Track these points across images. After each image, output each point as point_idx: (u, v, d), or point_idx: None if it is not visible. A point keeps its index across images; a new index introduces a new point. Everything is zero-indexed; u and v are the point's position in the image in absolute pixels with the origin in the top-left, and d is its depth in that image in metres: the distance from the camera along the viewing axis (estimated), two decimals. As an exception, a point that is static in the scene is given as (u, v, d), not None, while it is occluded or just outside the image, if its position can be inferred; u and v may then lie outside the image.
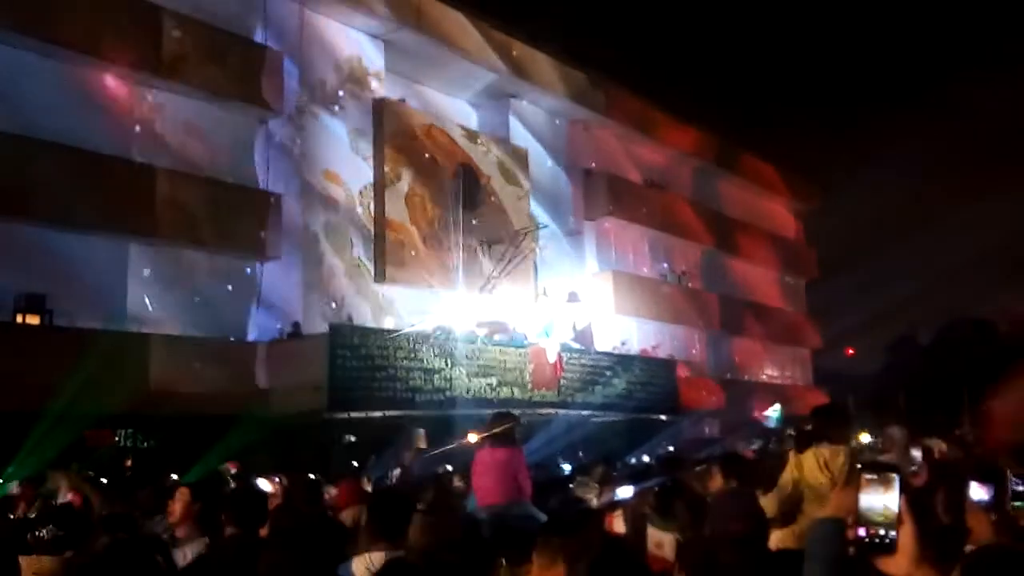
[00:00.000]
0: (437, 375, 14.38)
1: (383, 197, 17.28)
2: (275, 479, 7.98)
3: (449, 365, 14.57)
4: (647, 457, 13.01)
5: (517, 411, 10.47)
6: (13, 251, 12.27)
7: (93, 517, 5.57)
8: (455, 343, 14.79)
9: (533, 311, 18.75)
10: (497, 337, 16.13)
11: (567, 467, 11.52)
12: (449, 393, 14.48)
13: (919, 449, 7.89)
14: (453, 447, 11.01)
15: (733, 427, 19.88)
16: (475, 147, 19.57)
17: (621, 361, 18.87)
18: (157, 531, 5.05)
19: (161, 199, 13.60)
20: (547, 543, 3.11)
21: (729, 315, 26.49)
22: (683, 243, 25.80)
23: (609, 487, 7.02)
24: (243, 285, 15.19)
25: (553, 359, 16.33)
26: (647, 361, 20.27)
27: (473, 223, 19.06)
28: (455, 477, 8.87)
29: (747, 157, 29.25)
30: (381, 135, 17.46)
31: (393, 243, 17.28)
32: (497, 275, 18.70)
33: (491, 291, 18.62)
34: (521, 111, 21.25)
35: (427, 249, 17.95)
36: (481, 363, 15.19)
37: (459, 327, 15.48)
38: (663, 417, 19.17)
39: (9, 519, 6.51)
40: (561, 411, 16.39)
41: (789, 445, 6.92)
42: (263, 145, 15.74)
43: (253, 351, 14.27)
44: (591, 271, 22.32)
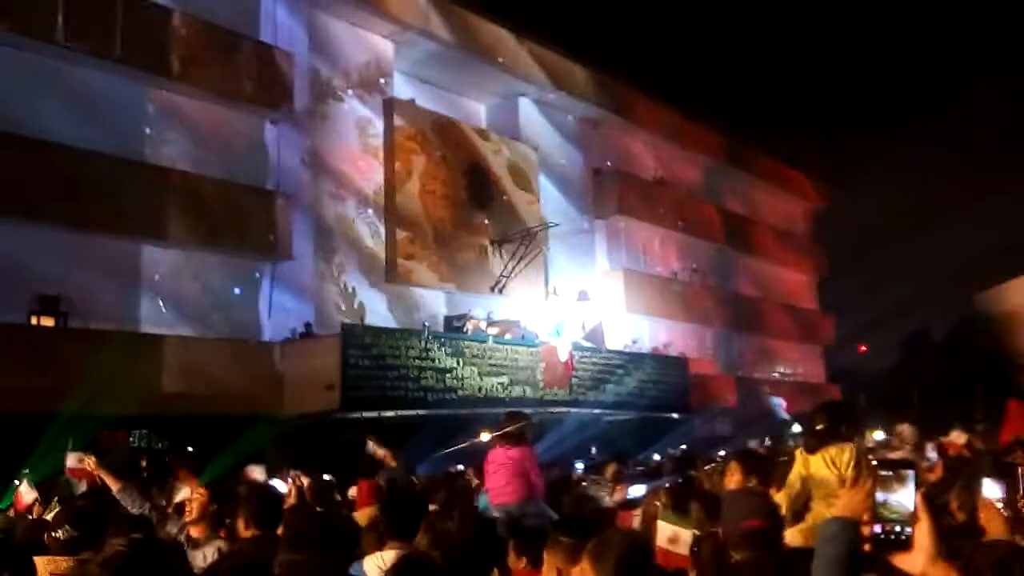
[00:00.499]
0: (449, 374, 14.41)
1: (394, 197, 17.32)
2: (288, 479, 8.00)
3: (461, 364, 14.60)
4: (658, 456, 13.01)
5: (529, 410, 10.50)
6: (27, 253, 12.34)
7: (107, 503, 5.61)
8: (466, 342, 14.82)
9: (544, 310, 18.76)
10: (508, 336, 16.15)
11: (580, 465, 11.53)
12: (461, 392, 14.51)
13: (935, 446, 7.87)
14: (465, 446, 11.04)
15: (745, 424, 19.82)
16: (485, 146, 19.59)
17: (632, 359, 18.86)
18: (172, 532, 5.07)
19: (173, 200, 13.66)
20: (556, 543, 3.12)
21: (740, 313, 26.44)
22: (694, 241, 25.74)
23: (622, 485, 7.04)
24: (255, 285, 15.25)
25: (564, 358, 16.34)
26: (658, 359, 20.25)
27: (484, 222, 19.09)
28: (469, 475, 8.89)
29: (758, 154, 29.16)
30: (392, 135, 17.49)
31: (404, 242, 17.32)
32: (508, 274, 18.71)
33: (502, 290, 18.65)
34: (531, 110, 21.25)
35: (439, 248, 17.98)
36: (492, 362, 15.21)
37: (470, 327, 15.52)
38: (675, 415, 19.15)
39: (26, 519, 6.55)
40: (573, 410, 16.39)
41: (797, 443, 6.92)
42: (275, 145, 15.79)
43: (266, 351, 14.32)
44: (602, 269, 22.31)
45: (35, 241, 12.48)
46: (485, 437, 8.60)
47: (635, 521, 5.82)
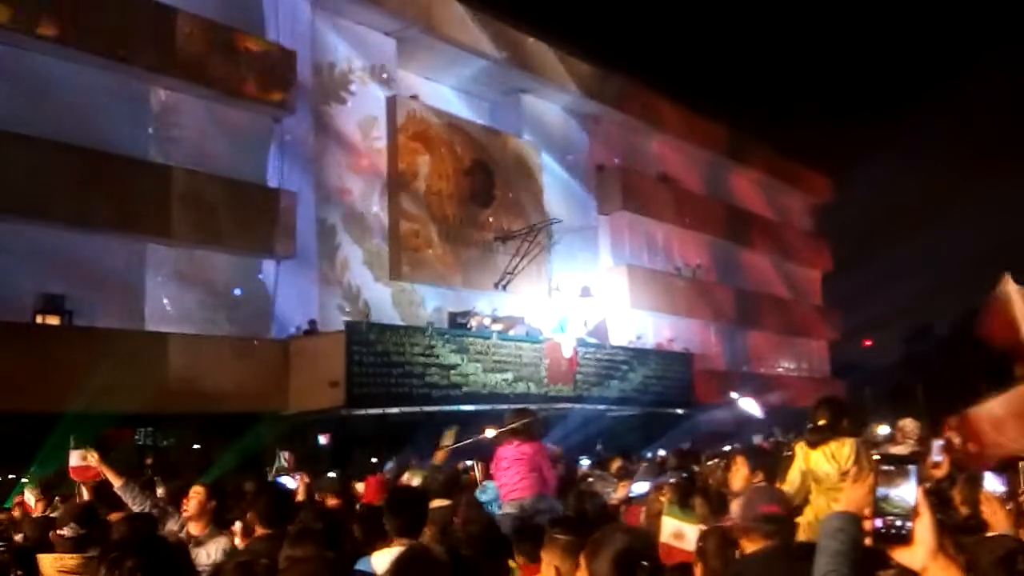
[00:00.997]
0: (453, 371, 14.43)
1: (397, 193, 17.32)
2: (295, 476, 8.03)
3: (465, 361, 14.62)
4: (663, 451, 13.00)
5: (533, 406, 10.49)
6: (32, 252, 12.39)
7: (108, 496, 5.63)
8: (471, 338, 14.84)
9: (548, 306, 18.77)
10: (512, 332, 16.17)
11: (586, 462, 11.53)
12: (465, 388, 14.53)
13: (943, 444, 7.82)
14: (470, 442, 11.04)
15: (749, 420, 19.81)
16: (488, 143, 19.58)
17: (637, 355, 18.87)
18: (173, 529, 5.09)
19: (177, 199, 13.68)
20: (553, 541, 3.10)
21: (744, 308, 26.41)
22: (697, 236, 25.72)
23: (626, 481, 7.03)
24: (260, 283, 15.27)
25: (569, 354, 16.35)
26: (663, 355, 20.26)
27: (488, 219, 19.09)
28: (475, 471, 8.87)
29: (760, 150, 29.10)
30: (394, 132, 17.49)
31: (408, 239, 17.33)
32: (512, 270, 18.72)
33: (506, 286, 18.66)
34: (534, 106, 21.24)
35: (443, 245, 17.99)
36: (497, 359, 15.23)
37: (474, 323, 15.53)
38: (679, 411, 19.16)
39: (33, 519, 6.58)
40: (577, 405, 16.41)
41: (797, 438, 6.92)
42: (278, 143, 15.80)
43: (271, 349, 14.34)
44: (605, 266, 22.30)
45: (40, 240, 12.52)
46: (490, 433, 8.60)
47: (641, 518, 5.83)
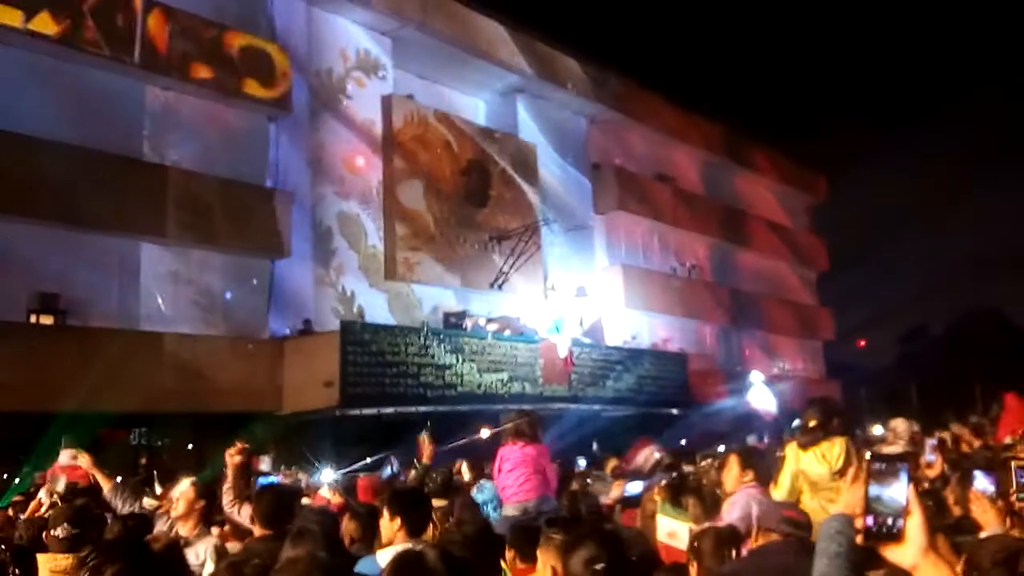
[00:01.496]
0: (448, 371, 14.43)
1: (393, 193, 17.32)
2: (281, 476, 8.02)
3: (460, 361, 14.62)
4: (657, 453, 13.00)
5: (528, 406, 10.50)
6: (26, 251, 12.36)
7: (101, 501, 5.63)
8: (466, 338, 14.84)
9: (543, 306, 18.77)
10: (507, 332, 16.17)
11: (582, 462, 11.54)
12: (460, 389, 14.53)
13: (935, 444, 7.86)
14: (465, 442, 11.03)
15: (744, 420, 19.84)
16: (484, 142, 19.59)
17: (632, 355, 18.89)
18: (163, 530, 5.07)
19: (172, 198, 13.66)
20: (550, 541, 3.12)
21: (740, 308, 26.44)
22: (693, 236, 25.74)
23: (621, 481, 7.05)
24: (255, 282, 15.24)
25: (564, 354, 16.35)
26: (657, 355, 20.28)
27: (484, 219, 19.10)
28: (462, 471, 8.88)
29: (756, 150, 29.15)
30: (390, 131, 17.49)
31: (404, 239, 17.33)
32: (508, 270, 18.73)
33: (501, 286, 18.67)
34: (529, 106, 21.23)
35: (438, 245, 17.99)
36: (492, 359, 15.23)
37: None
38: (674, 411, 19.17)
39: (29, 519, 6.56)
40: (572, 406, 16.41)
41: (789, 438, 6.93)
42: (273, 142, 15.78)
43: (265, 349, 14.33)
44: (601, 265, 22.31)
45: (34, 239, 12.49)
46: (485, 433, 8.59)
47: (638, 519, 5.85)
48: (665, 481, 5.49)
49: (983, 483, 3.42)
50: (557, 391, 16.20)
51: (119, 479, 6.32)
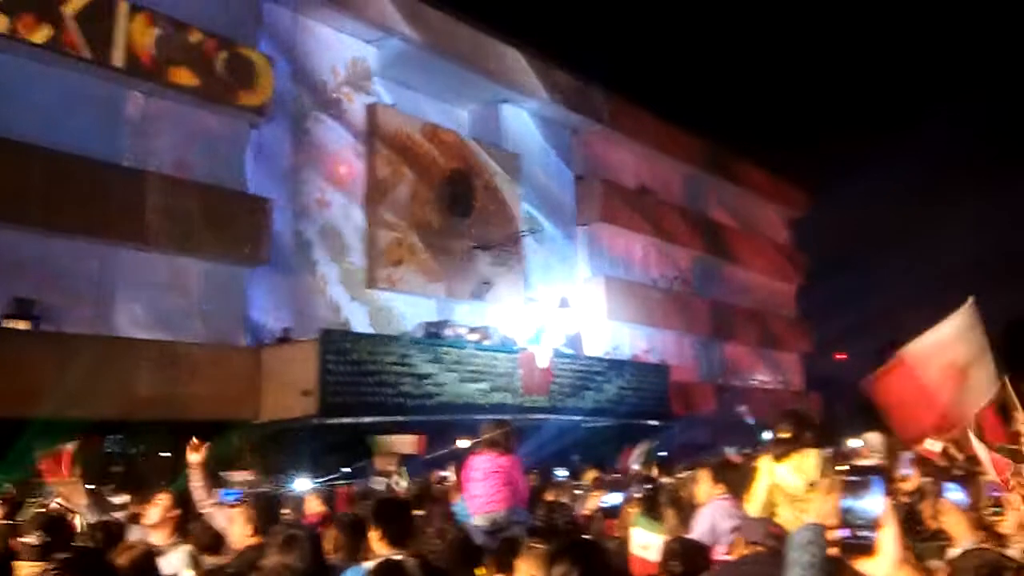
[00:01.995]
0: (427, 380, 14.37)
1: (375, 202, 17.28)
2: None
3: (440, 370, 14.58)
4: (636, 464, 13.01)
5: (508, 416, 10.48)
6: (1, 256, 12.21)
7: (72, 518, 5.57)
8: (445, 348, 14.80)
9: (524, 316, 18.77)
10: (487, 342, 16.15)
11: (562, 472, 11.53)
12: (440, 398, 14.48)
13: (910, 454, 7.88)
14: (444, 452, 11.00)
15: (724, 432, 19.89)
16: (467, 152, 19.59)
17: (612, 366, 18.91)
18: (135, 538, 5.00)
19: (151, 204, 13.53)
20: (531, 551, 3.12)
21: (720, 320, 26.55)
22: (675, 248, 25.84)
23: (598, 493, 7.04)
24: (234, 290, 15.12)
25: (544, 364, 16.34)
26: (638, 366, 20.31)
27: (466, 228, 19.08)
28: (449, 481, 8.85)
29: (738, 163, 29.33)
30: (373, 140, 17.46)
31: (385, 248, 17.28)
32: (488, 280, 18.72)
33: (483, 296, 18.65)
34: (514, 116, 21.27)
35: (420, 254, 17.95)
36: (472, 368, 15.20)
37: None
38: (654, 422, 19.19)
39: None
40: (552, 416, 16.39)
41: (763, 450, 6.95)
42: (254, 150, 15.70)
43: (243, 356, 14.22)
44: (583, 276, 22.34)
45: (10, 244, 12.34)
46: (464, 444, 8.56)
47: (616, 530, 5.83)
48: (641, 494, 5.49)
49: (955, 495, 3.44)
50: (537, 402, 16.18)
51: (92, 487, 6.25)
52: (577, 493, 8.01)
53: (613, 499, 6.07)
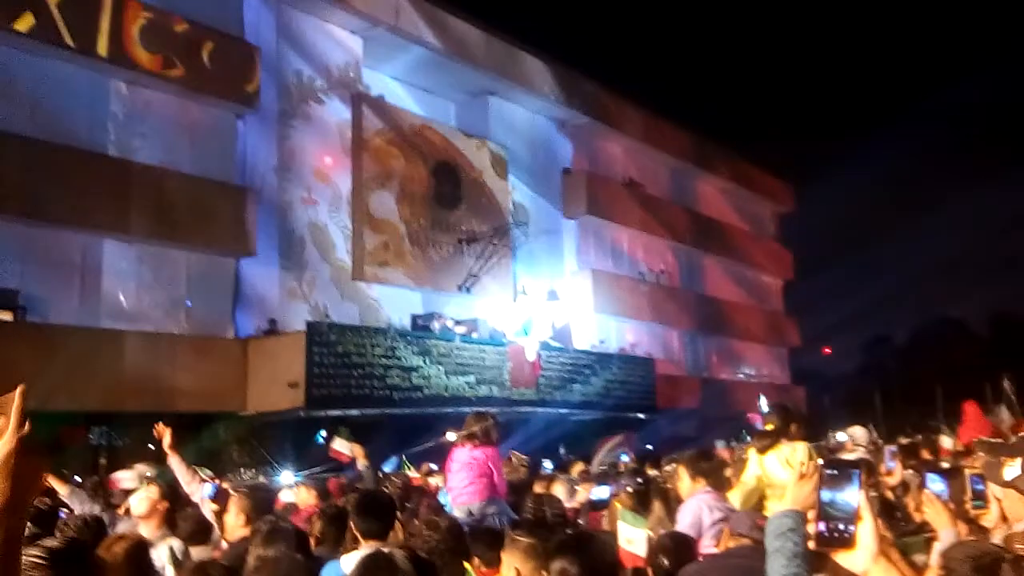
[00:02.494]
0: (415, 373, 14.37)
1: (362, 193, 17.22)
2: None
3: (427, 363, 14.56)
4: (626, 457, 13.07)
5: (495, 409, 10.48)
6: (-15, 246, 12.12)
7: (55, 505, 5.55)
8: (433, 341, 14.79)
9: (512, 309, 18.77)
10: (475, 335, 16.14)
11: (549, 465, 11.54)
12: (427, 391, 14.48)
13: (893, 447, 7.95)
14: (431, 445, 11.00)
15: (710, 425, 19.97)
16: (454, 144, 19.54)
17: (599, 359, 18.95)
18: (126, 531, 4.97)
19: (137, 194, 13.45)
20: (515, 543, 3.12)
21: (707, 314, 26.64)
22: (662, 242, 25.89)
23: (586, 485, 7.06)
24: (220, 281, 15.05)
25: (532, 357, 16.37)
26: (625, 359, 20.35)
27: (453, 221, 19.05)
28: (434, 474, 8.86)
29: (725, 158, 29.41)
30: (360, 131, 17.39)
31: (372, 240, 17.23)
32: (476, 273, 18.70)
33: (470, 289, 18.63)
34: (501, 109, 21.22)
35: (406, 246, 17.91)
36: (459, 361, 15.19)
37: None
38: (641, 415, 19.26)
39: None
40: (540, 409, 16.42)
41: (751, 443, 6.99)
42: (241, 140, 15.62)
43: (229, 348, 14.17)
44: (570, 269, 22.36)
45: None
46: (451, 436, 8.57)
47: (604, 522, 5.85)
48: (631, 488, 5.50)
49: (936, 485, 3.46)
50: (525, 394, 16.20)
51: (76, 479, 6.22)
52: (576, 488, 8.02)
53: (601, 492, 6.08)
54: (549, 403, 16.78)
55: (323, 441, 6.90)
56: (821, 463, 1.61)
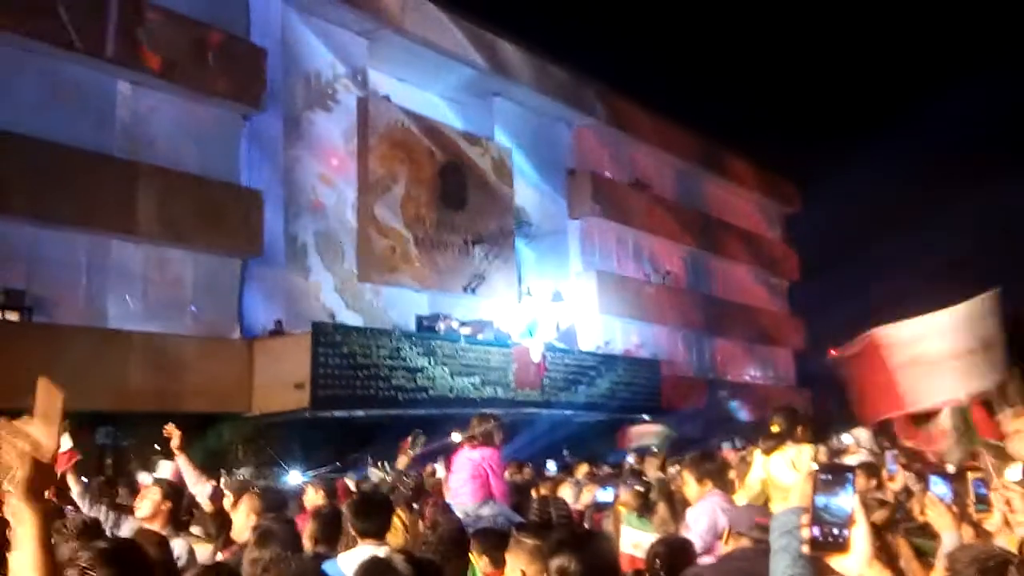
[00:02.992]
0: (420, 374, 14.38)
1: (366, 194, 17.23)
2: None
3: (432, 364, 14.58)
4: (631, 458, 13.06)
5: (500, 411, 10.49)
6: (-8, 247, 12.16)
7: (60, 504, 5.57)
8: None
9: (517, 310, 18.78)
10: (480, 336, 16.15)
11: (553, 466, 11.55)
12: (432, 392, 14.49)
13: (895, 451, 7.92)
14: (436, 446, 10.98)
15: (716, 426, 19.95)
16: (459, 145, 19.55)
17: (605, 361, 18.94)
18: (125, 530, 4.98)
19: (143, 195, 13.50)
20: (519, 544, 3.11)
21: (712, 315, 26.59)
22: (667, 243, 25.86)
23: (591, 487, 7.05)
24: (226, 282, 15.09)
25: (537, 359, 16.37)
26: (630, 361, 20.34)
27: (458, 222, 19.06)
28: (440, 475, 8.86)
29: (731, 159, 29.35)
30: (365, 132, 17.40)
31: (377, 241, 17.24)
32: (481, 274, 18.71)
33: (475, 290, 18.64)
34: (506, 110, 21.23)
35: (412, 248, 17.92)
36: (464, 362, 15.21)
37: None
38: (646, 417, 19.23)
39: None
40: (544, 410, 16.42)
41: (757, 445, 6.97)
42: (247, 142, 15.65)
43: (235, 349, 14.20)
44: (575, 271, 22.34)
45: (0, 235, 12.28)
46: (456, 437, 8.57)
47: (605, 523, 5.84)
48: (637, 487, 5.49)
49: (939, 488, 3.45)
50: (530, 396, 16.20)
51: (84, 479, 6.23)
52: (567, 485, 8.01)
53: (605, 495, 6.06)
54: (554, 404, 16.78)
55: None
56: (815, 467, 1.61)
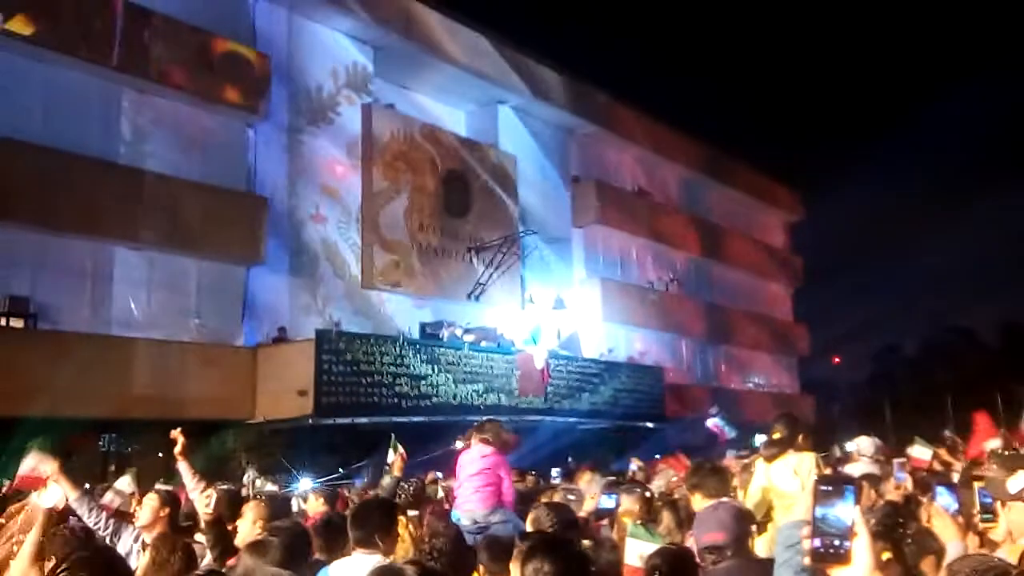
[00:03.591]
0: (423, 381, 14.37)
1: (371, 201, 17.25)
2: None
3: (435, 371, 14.57)
4: (634, 466, 13.03)
5: (504, 418, 10.48)
6: (-3, 254, 12.19)
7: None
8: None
9: (520, 318, 18.77)
10: (484, 344, 16.14)
11: (556, 473, 11.52)
12: (435, 399, 14.48)
13: (903, 459, 7.88)
14: (439, 453, 10.98)
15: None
16: (464, 153, 19.58)
17: (608, 368, 18.92)
18: (128, 540, 4.97)
19: (147, 202, 13.52)
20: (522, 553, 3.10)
21: (716, 323, 26.57)
22: (671, 251, 25.86)
23: (595, 495, 7.02)
24: (230, 289, 15.11)
25: (540, 366, 16.35)
26: (634, 368, 20.32)
27: (462, 230, 19.07)
28: (441, 483, 8.84)
29: (735, 167, 29.35)
30: (370, 139, 17.44)
31: (381, 248, 17.25)
32: (485, 281, 18.72)
33: (479, 297, 18.64)
34: (510, 117, 21.27)
35: (416, 254, 17.93)
36: (468, 370, 15.20)
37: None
38: (649, 424, 19.21)
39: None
40: (548, 418, 16.39)
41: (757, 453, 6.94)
42: (251, 149, 15.69)
43: (238, 356, 14.20)
44: (579, 278, 22.35)
45: (5, 242, 12.32)
46: (460, 444, 8.56)
47: (605, 530, 5.80)
48: (641, 491, 5.46)
49: (945, 499, 3.43)
50: (533, 403, 16.18)
51: (87, 486, 6.23)
52: (572, 498, 7.98)
53: (608, 502, 6.04)
54: (557, 412, 16.76)
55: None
56: (815, 479, 1.61)
